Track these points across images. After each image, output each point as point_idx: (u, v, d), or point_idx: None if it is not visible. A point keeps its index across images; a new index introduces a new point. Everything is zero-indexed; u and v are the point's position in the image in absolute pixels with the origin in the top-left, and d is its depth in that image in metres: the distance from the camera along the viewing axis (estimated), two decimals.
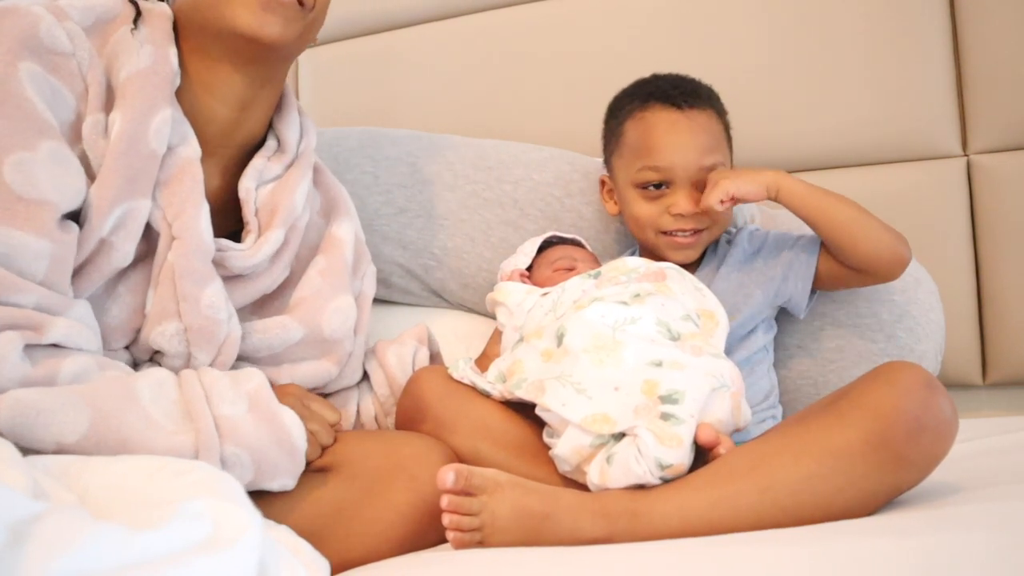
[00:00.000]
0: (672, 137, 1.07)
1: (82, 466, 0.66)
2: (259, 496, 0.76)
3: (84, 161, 0.83)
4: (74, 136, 0.83)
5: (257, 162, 0.99)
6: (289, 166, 1.02)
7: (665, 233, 1.08)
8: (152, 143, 0.85)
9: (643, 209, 1.08)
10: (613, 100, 1.19)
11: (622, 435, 0.83)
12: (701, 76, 1.39)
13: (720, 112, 1.13)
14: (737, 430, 0.87)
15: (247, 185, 0.97)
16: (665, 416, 0.80)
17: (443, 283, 1.32)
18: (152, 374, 0.80)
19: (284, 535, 0.71)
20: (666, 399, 0.81)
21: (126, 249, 0.85)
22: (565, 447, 0.84)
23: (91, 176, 0.83)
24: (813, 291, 1.08)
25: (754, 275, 1.07)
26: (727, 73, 1.38)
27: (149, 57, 0.87)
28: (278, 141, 1.02)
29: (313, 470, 0.86)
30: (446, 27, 1.56)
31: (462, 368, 0.97)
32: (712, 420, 0.82)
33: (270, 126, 1.02)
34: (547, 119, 1.46)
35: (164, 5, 0.93)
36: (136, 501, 0.49)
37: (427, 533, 0.83)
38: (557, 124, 1.33)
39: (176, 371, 0.84)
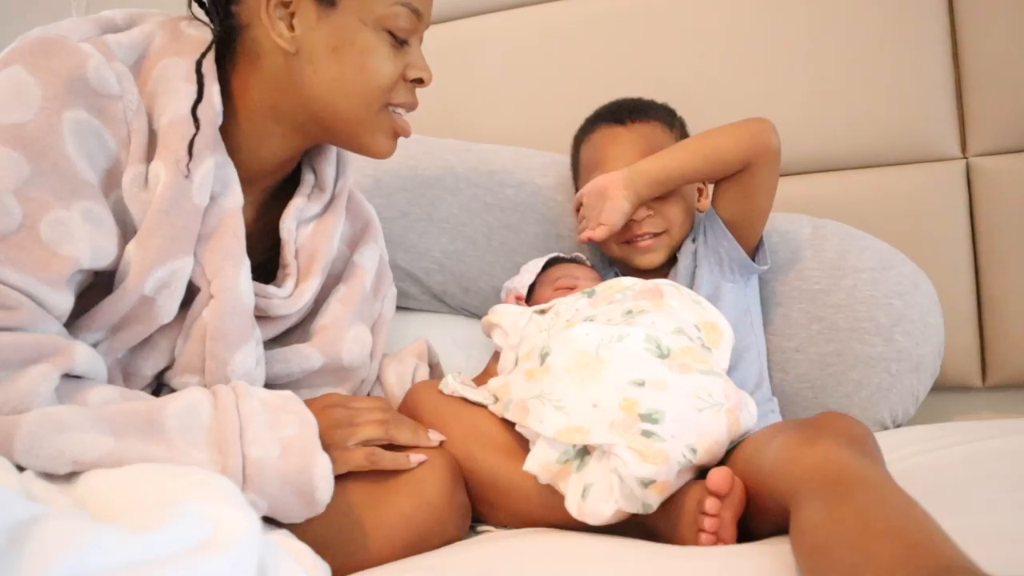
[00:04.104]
0: (614, 148, 1.16)
1: (86, 471, 0.66)
2: None
3: (120, 208, 0.81)
4: (111, 182, 0.80)
5: (298, 201, 0.96)
6: (328, 205, 1.00)
7: (627, 242, 1.15)
8: (195, 198, 0.81)
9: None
10: (573, 137, 1.29)
11: (587, 452, 0.82)
12: (700, 80, 1.40)
13: (670, 123, 1.21)
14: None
15: (288, 226, 0.95)
16: (647, 433, 0.79)
17: (444, 287, 1.32)
18: (185, 398, 0.76)
19: (283, 538, 0.72)
20: (646, 417, 0.80)
21: (169, 308, 0.82)
22: (533, 463, 0.84)
23: (128, 226, 0.81)
24: (758, 246, 1.13)
25: (707, 264, 1.12)
26: (726, 76, 1.39)
27: (190, 99, 0.82)
28: (314, 173, 1.00)
29: None
30: (447, 30, 1.56)
31: (451, 384, 0.98)
32: (709, 441, 0.80)
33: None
34: (549, 123, 1.47)
35: (204, 30, 0.88)
36: (135, 503, 0.49)
37: (430, 537, 0.83)
38: (559, 128, 1.34)
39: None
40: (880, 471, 0.63)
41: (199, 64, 0.84)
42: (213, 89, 0.84)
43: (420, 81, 0.92)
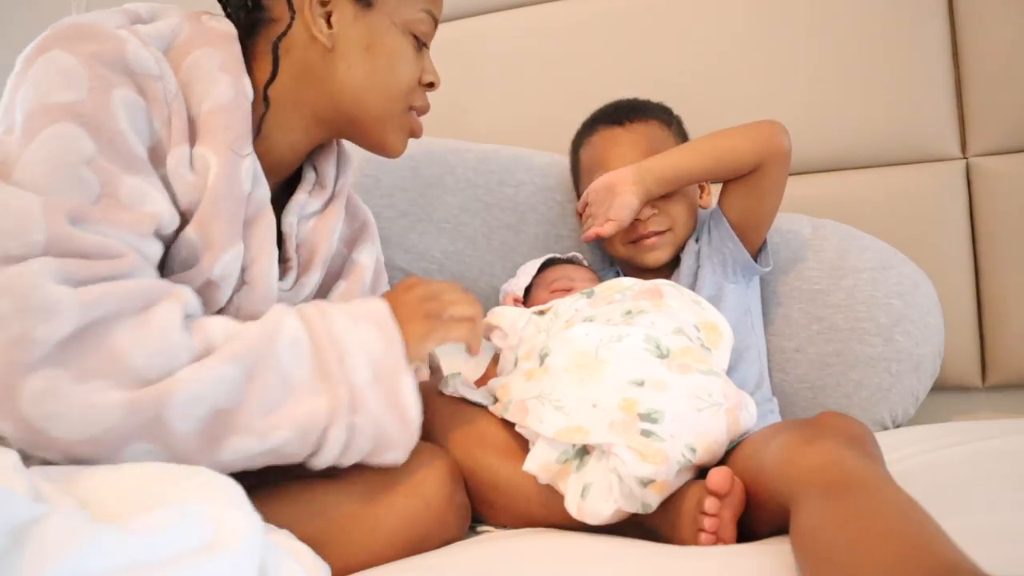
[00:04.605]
0: (615, 149, 1.17)
1: (88, 472, 0.66)
2: (260, 500, 0.76)
3: (165, 186, 0.82)
4: (157, 161, 0.81)
5: (300, 197, 0.98)
6: (328, 202, 1.02)
7: (633, 242, 1.14)
8: (244, 184, 0.84)
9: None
10: (572, 141, 1.29)
11: (587, 452, 0.82)
12: (700, 80, 1.40)
13: (667, 121, 1.21)
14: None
15: (290, 220, 0.96)
16: (646, 433, 0.79)
17: None
18: (287, 331, 0.77)
19: (284, 539, 0.72)
20: (645, 417, 0.80)
21: (226, 293, 0.84)
22: (533, 463, 0.84)
23: (177, 208, 0.82)
24: (761, 248, 1.13)
25: (710, 264, 1.12)
26: (726, 76, 1.39)
27: (230, 88, 0.84)
28: (315, 171, 1.01)
29: (316, 474, 0.87)
30: (447, 30, 1.56)
31: (452, 385, 0.99)
32: (708, 440, 0.80)
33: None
34: (549, 123, 1.47)
35: (227, 23, 0.90)
36: (137, 504, 0.49)
37: (430, 537, 0.83)
38: (559, 128, 1.34)
39: None
40: (880, 471, 0.63)
41: (276, 46, 0.88)
42: (245, 80, 0.86)
43: (431, 85, 0.97)
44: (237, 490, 0.63)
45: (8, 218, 0.69)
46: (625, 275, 1.14)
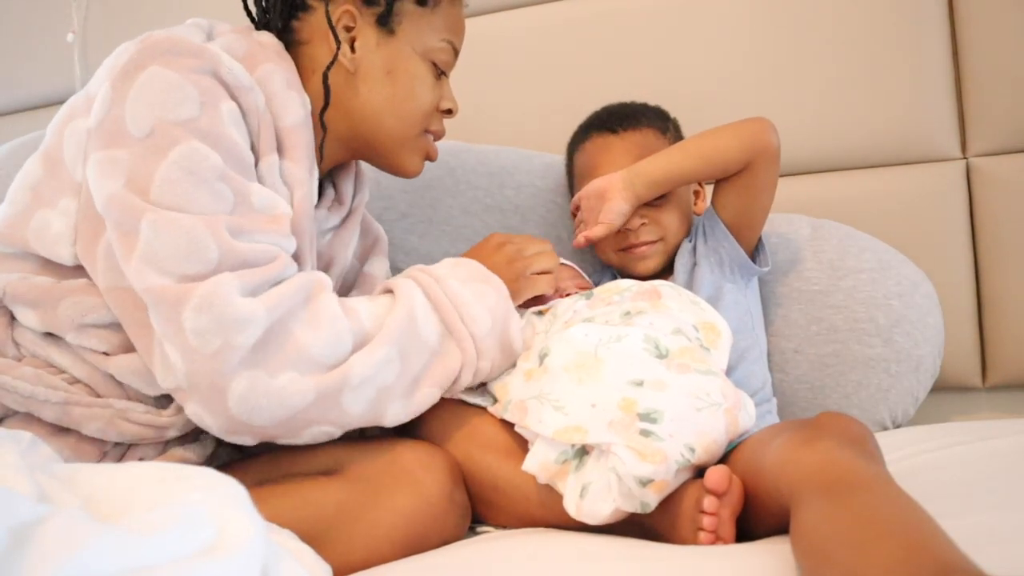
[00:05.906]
0: (606, 157, 1.16)
1: (90, 472, 0.66)
2: (260, 498, 0.77)
3: None
4: (253, 168, 0.86)
5: (319, 212, 1.01)
6: (345, 218, 1.06)
7: (624, 249, 1.14)
8: (314, 199, 0.90)
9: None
10: (567, 145, 1.28)
11: (586, 452, 0.82)
12: (700, 80, 1.40)
13: (663, 128, 1.20)
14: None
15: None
16: (645, 432, 0.79)
17: None
18: (420, 306, 0.86)
19: (286, 540, 0.72)
20: (644, 417, 0.80)
21: None
22: (532, 463, 0.85)
23: None
24: (758, 248, 1.13)
25: (708, 264, 1.12)
26: (725, 77, 1.39)
27: (301, 108, 0.90)
28: (334, 189, 1.05)
29: (316, 473, 0.87)
30: None
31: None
32: (708, 440, 0.80)
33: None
34: (549, 124, 1.47)
35: (273, 38, 0.93)
36: (140, 505, 0.49)
37: (429, 536, 0.84)
38: (559, 130, 1.35)
39: None
40: (881, 471, 0.63)
41: (326, 76, 0.92)
42: (306, 99, 0.91)
43: (449, 112, 1.02)
44: (239, 489, 0.63)
45: (180, 240, 0.75)
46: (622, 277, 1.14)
